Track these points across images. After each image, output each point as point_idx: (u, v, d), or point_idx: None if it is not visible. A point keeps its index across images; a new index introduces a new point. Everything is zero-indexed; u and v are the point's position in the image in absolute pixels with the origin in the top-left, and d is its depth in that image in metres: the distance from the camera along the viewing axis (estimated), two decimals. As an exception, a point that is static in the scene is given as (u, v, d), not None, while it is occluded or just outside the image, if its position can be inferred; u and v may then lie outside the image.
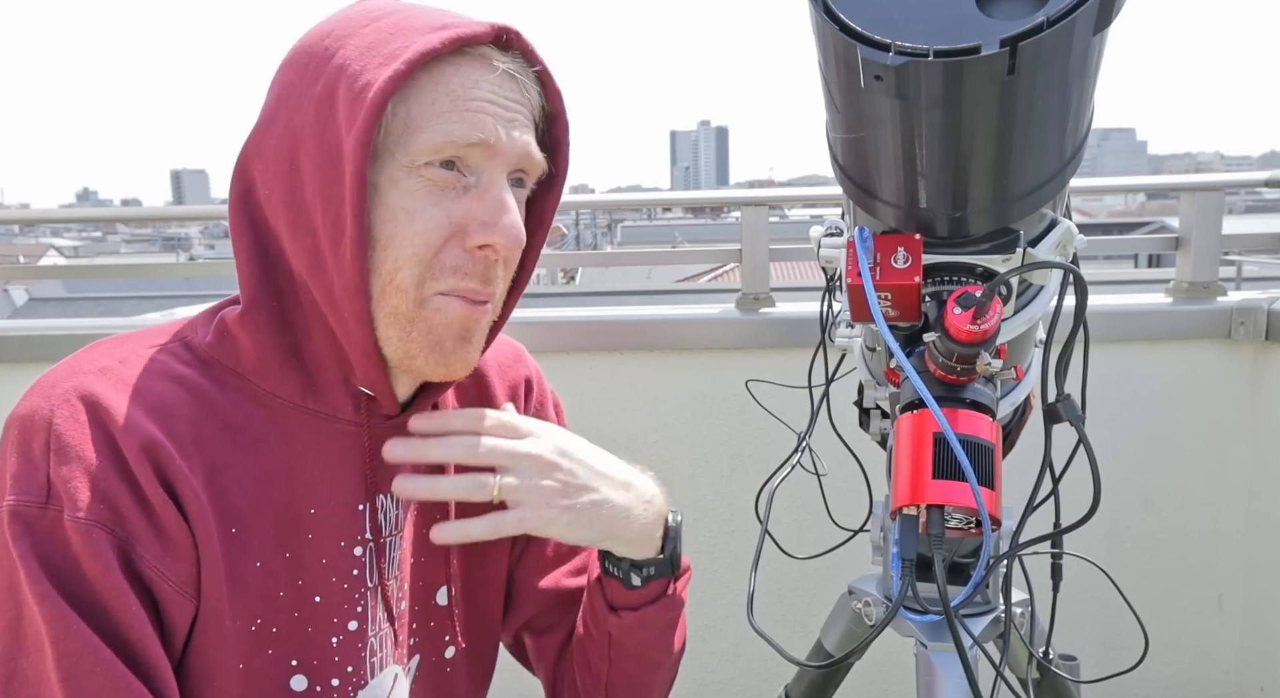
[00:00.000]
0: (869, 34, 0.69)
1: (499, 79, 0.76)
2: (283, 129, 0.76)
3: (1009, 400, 0.92)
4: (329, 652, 0.81)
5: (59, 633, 0.67)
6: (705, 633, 1.92)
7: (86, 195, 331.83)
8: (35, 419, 0.71)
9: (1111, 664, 1.01)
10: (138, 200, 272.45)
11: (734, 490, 1.87)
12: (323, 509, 0.80)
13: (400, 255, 0.75)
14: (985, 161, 0.74)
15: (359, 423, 0.82)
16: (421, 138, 0.73)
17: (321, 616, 0.81)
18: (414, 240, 0.75)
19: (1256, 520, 1.89)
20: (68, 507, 0.69)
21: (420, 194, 0.74)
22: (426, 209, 0.74)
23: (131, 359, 0.77)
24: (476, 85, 0.75)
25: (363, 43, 0.74)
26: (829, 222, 0.90)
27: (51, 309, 13.57)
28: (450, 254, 0.76)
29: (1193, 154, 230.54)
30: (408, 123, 0.73)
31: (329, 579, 0.81)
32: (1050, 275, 0.87)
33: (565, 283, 16.93)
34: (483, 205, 0.76)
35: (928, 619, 0.96)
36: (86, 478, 0.69)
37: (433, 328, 0.78)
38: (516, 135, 0.77)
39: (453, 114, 0.74)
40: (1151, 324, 1.86)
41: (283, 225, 0.77)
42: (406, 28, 0.75)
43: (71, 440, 0.70)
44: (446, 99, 0.74)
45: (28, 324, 1.90)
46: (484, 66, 0.76)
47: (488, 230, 0.75)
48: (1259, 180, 1.97)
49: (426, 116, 0.73)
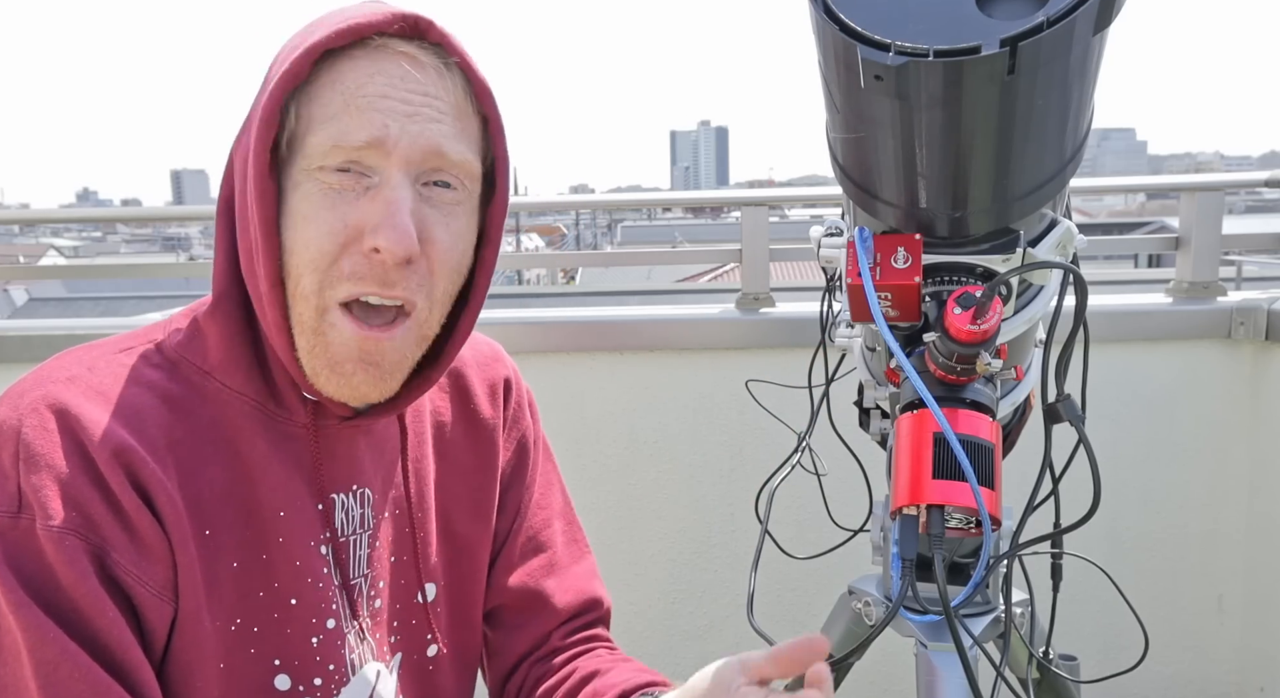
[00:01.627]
0: (869, 34, 0.69)
1: (401, 70, 0.71)
2: (237, 137, 0.77)
3: (1009, 400, 0.92)
4: (310, 651, 0.81)
5: (35, 641, 0.67)
6: (705, 633, 1.92)
7: (86, 195, 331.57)
8: (3, 430, 0.71)
9: (1111, 664, 1.01)
10: (138, 200, 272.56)
11: (734, 490, 1.87)
12: (290, 510, 0.80)
13: (300, 262, 0.73)
14: (985, 161, 0.74)
15: (309, 426, 0.81)
16: (313, 140, 0.71)
17: (299, 616, 0.81)
18: (310, 246, 0.72)
19: (1256, 520, 1.89)
20: (39, 516, 0.68)
21: (316, 198, 0.72)
22: (321, 214, 0.72)
23: (100, 366, 0.76)
24: (372, 79, 0.71)
25: (285, 45, 0.74)
26: (829, 222, 0.89)
27: (51, 309, 13.57)
28: (349, 260, 0.73)
29: (1193, 154, 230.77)
30: (308, 124, 0.71)
31: (304, 580, 0.81)
32: (1050, 275, 0.87)
33: (565, 283, 16.94)
34: (375, 207, 0.72)
35: (928, 619, 0.96)
36: (57, 486, 0.69)
37: (329, 347, 0.75)
38: (418, 130, 0.72)
39: (344, 114, 0.71)
40: (1151, 324, 1.86)
41: (240, 230, 0.77)
42: (319, 24, 0.72)
43: (41, 449, 0.70)
44: (340, 97, 0.71)
45: (28, 324, 1.90)
46: (383, 57, 0.71)
47: (375, 232, 0.71)
48: (1259, 180, 1.97)
49: (320, 117, 0.71)
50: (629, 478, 1.87)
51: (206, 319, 0.79)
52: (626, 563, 1.89)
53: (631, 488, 1.87)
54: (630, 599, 1.90)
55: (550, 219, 38.83)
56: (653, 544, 1.89)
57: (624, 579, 1.89)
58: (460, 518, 0.94)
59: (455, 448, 0.94)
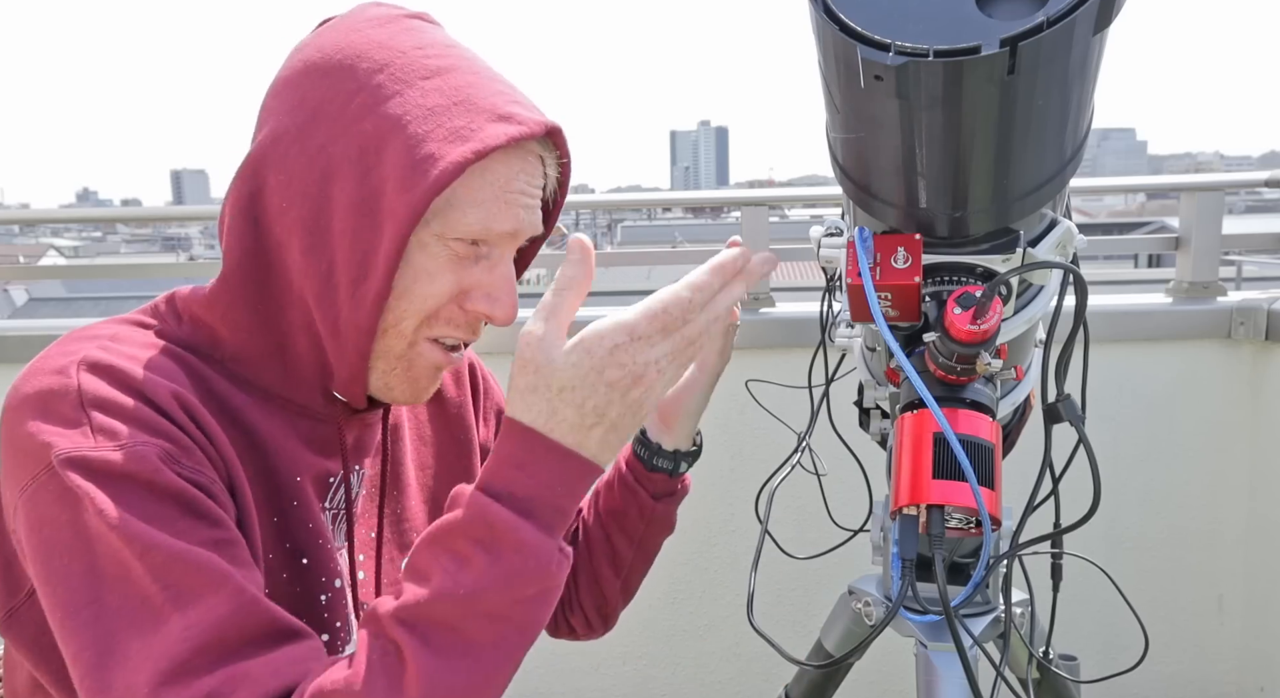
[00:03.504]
0: (869, 34, 0.69)
1: (533, 168, 0.81)
2: (316, 150, 0.76)
3: (1009, 400, 0.92)
4: (318, 609, 0.84)
5: (141, 550, 0.67)
6: (705, 633, 1.92)
7: (86, 195, 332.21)
8: (55, 388, 0.72)
9: (1111, 664, 1.01)
10: (138, 200, 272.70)
11: (734, 490, 1.87)
12: (304, 478, 0.84)
13: (410, 309, 0.80)
14: (985, 162, 0.74)
15: (331, 415, 0.87)
16: (461, 219, 0.78)
17: (309, 575, 0.84)
18: (427, 300, 0.80)
19: (1256, 520, 1.89)
20: (116, 442, 0.69)
21: (443, 261, 0.79)
22: (445, 275, 0.80)
23: (122, 336, 0.79)
24: (516, 177, 0.80)
25: (425, 101, 0.76)
26: (829, 222, 0.89)
27: (51, 309, 13.57)
28: (449, 311, 0.82)
29: (1193, 154, 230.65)
30: (450, 200, 0.77)
31: (315, 541, 0.84)
32: (1050, 275, 0.87)
33: (565, 283, 16.90)
34: (491, 279, 0.82)
35: (928, 619, 0.96)
36: (128, 420, 0.71)
37: (412, 367, 0.84)
38: (535, 220, 0.83)
39: (493, 204, 0.79)
40: (1151, 324, 1.86)
41: (295, 242, 0.78)
42: (471, 103, 0.77)
43: (103, 393, 0.72)
44: (490, 188, 0.78)
45: (28, 324, 1.90)
46: (526, 158, 0.80)
47: (490, 303, 0.82)
48: (1259, 180, 1.97)
49: (469, 200, 0.78)
50: (629, 478, 1.86)
51: (213, 317, 0.81)
52: (626, 563, 1.89)
53: (631, 488, 1.87)
54: (630, 599, 1.90)
55: (550, 219, 38.71)
56: (653, 544, 1.89)
57: (624, 579, 1.89)
58: (442, 491, 0.99)
59: (430, 429, 1.02)
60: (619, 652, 1.99)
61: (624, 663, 2.00)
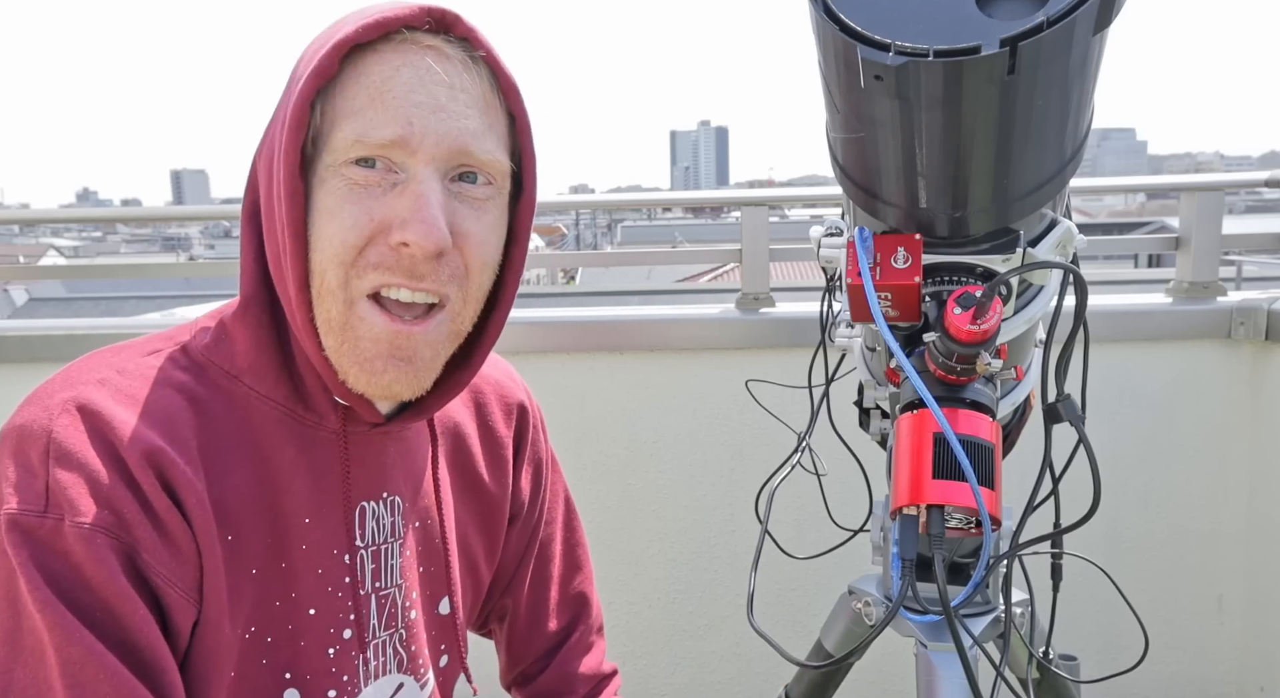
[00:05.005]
0: (869, 34, 0.69)
1: (426, 64, 0.70)
2: (262, 138, 0.76)
3: (1009, 400, 0.92)
4: (325, 663, 0.81)
5: (61, 640, 0.66)
6: (705, 633, 1.92)
7: (86, 195, 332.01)
8: (33, 429, 0.70)
9: (1111, 664, 1.01)
10: (138, 200, 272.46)
11: (734, 490, 1.87)
12: (315, 518, 0.79)
13: (324, 257, 0.72)
14: (985, 162, 0.74)
15: (340, 431, 0.80)
16: (338, 136, 0.70)
17: (316, 627, 0.80)
18: (334, 240, 0.71)
19: (1256, 520, 1.89)
20: (68, 513, 0.67)
21: (342, 193, 0.71)
22: (346, 208, 0.71)
23: (130, 369, 0.76)
24: (397, 72, 0.70)
25: (312, 43, 0.74)
26: (829, 222, 0.89)
27: (51, 309, 13.56)
28: (374, 251, 0.72)
29: (1193, 154, 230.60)
30: (332, 120, 0.71)
31: (324, 589, 0.80)
32: (1050, 275, 0.87)
33: (565, 283, 16.93)
34: (402, 202, 0.71)
35: (928, 619, 0.96)
36: (87, 485, 0.68)
37: (359, 342, 0.73)
38: (445, 127, 0.71)
39: (369, 109, 0.70)
40: (1151, 324, 1.86)
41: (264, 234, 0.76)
42: (345, 20, 0.72)
43: (72, 447, 0.69)
44: (365, 92, 0.70)
45: (28, 324, 1.90)
46: (408, 51, 0.70)
47: (403, 227, 0.70)
48: (1259, 180, 1.97)
49: (344, 112, 0.70)
50: (629, 478, 1.87)
51: (234, 322, 0.78)
52: (626, 563, 1.89)
53: (631, 488, 1.87)
54: (629, 599, 1.90)
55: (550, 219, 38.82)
56: (653, 544, 1.89)
57: (623, 579, 1.89)
58: (471, 531, 0.94)
59: (472, 460, 0.94)
60: (619, 652, 1.99)
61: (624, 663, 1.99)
